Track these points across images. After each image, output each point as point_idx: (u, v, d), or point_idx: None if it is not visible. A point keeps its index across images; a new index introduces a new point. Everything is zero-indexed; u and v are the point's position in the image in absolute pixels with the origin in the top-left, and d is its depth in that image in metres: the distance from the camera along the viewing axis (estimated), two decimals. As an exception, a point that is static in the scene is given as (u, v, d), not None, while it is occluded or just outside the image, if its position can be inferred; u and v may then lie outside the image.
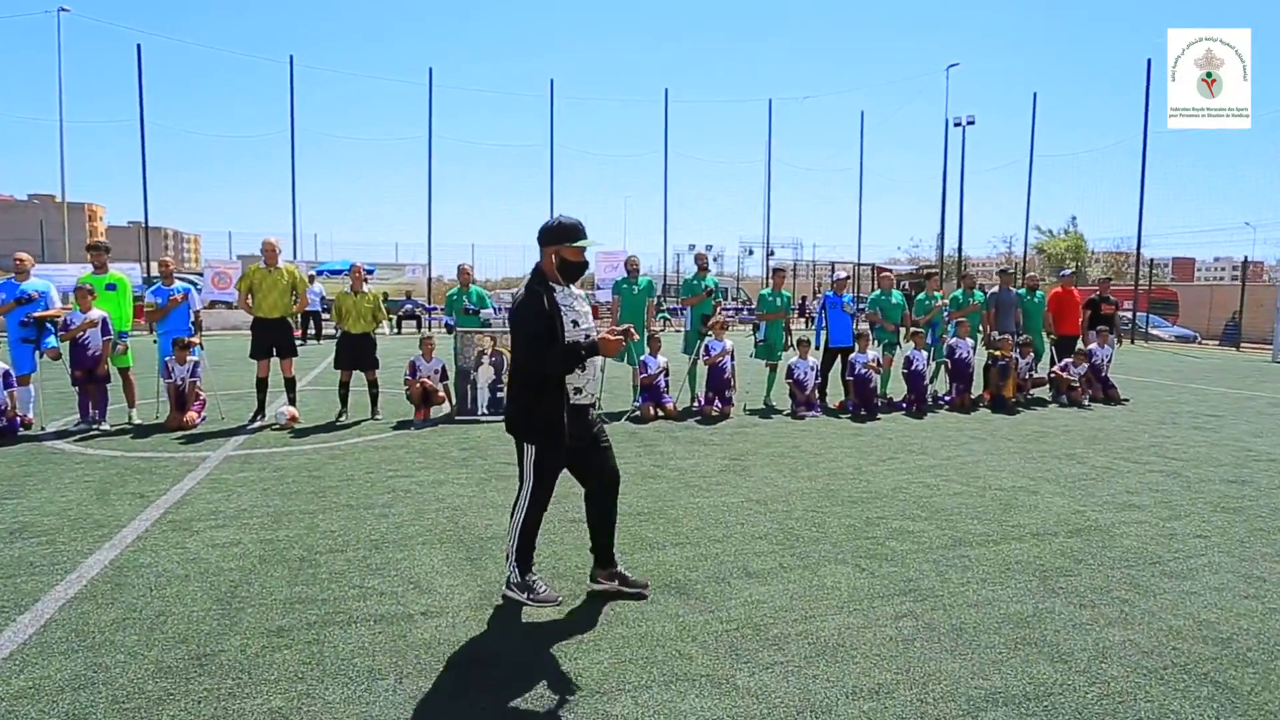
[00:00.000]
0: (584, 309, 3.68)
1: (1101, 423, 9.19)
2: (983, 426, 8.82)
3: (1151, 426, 8.99)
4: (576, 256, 3.58)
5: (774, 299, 9.89)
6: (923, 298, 10.67)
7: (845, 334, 9.98)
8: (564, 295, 3.56)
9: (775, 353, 9.94)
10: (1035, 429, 8.71)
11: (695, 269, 10.00)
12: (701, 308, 9.65)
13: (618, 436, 7.70)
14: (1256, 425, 9.22)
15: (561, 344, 3.43)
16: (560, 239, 3.53)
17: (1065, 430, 8.64)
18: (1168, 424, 9.18)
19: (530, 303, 3.47)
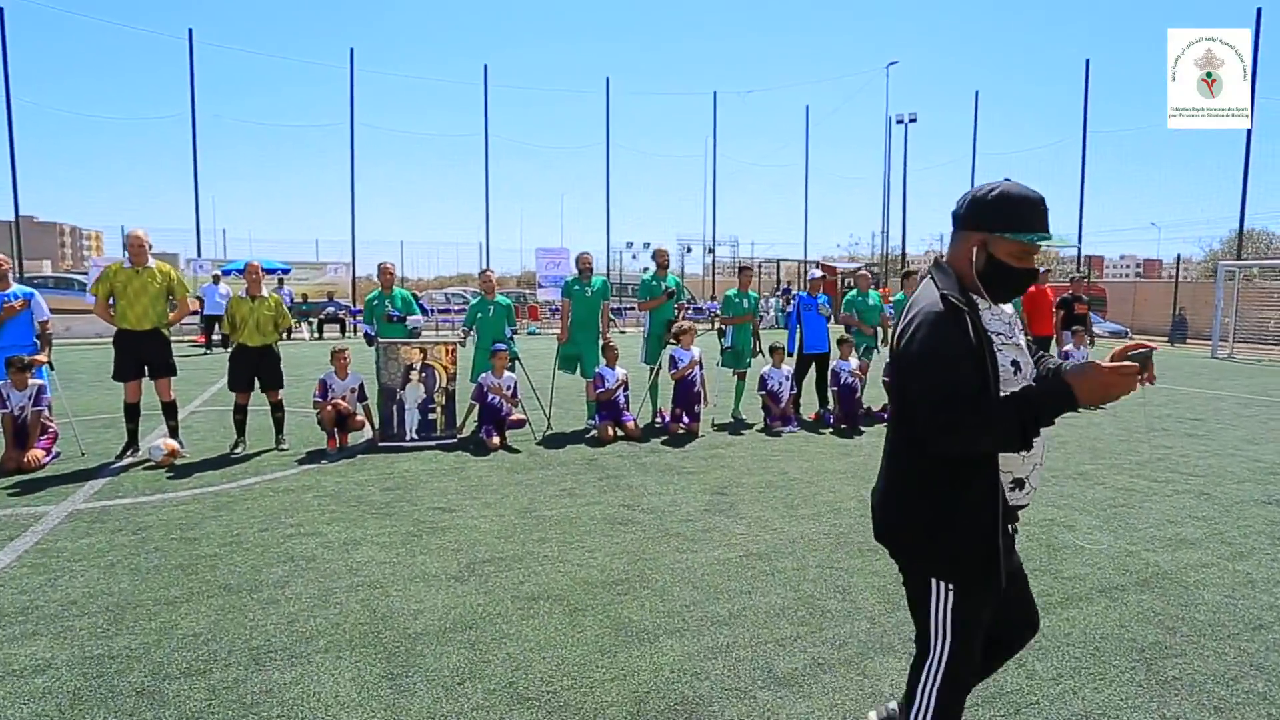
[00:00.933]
0: (1021, 339, 2.07)
1: (1092, 430, 8.53)
2: (974, 440, 8.02)
3: (1143, 435, 8.36)
4: (1025, 260, 1.98)
5: (740, 300, 8.88)
6: (901, 298, 9.85)
7: (820, 339, 9.05)
8: (993, 316, 2.01)
9: (744, 360, 8.94)
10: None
11: (652, 267, 8.88)
12: (663, 312, 8.55)
13: (574, 465, 6.56)
14: (1246, 431, 8.73)
15: (1002, 400, 1.88)
16: (1004, 223, 1.94)
17: (1061, 442, 7.91)
18: (1159, 431, 8.59)
19: (941, 327, 1.90)
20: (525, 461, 6.84)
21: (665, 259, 8.70)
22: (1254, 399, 11.55)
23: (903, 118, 32.75)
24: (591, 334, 8.33)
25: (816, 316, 9.07)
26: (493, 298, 8.20)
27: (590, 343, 8.32)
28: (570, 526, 5.01)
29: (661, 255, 8.69)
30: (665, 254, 8.72)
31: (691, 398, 8.09)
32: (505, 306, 8.22)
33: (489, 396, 7.59)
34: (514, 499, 5.64)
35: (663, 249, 8.70)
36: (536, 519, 5.16)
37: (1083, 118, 25.65)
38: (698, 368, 8.09)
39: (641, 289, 8.73)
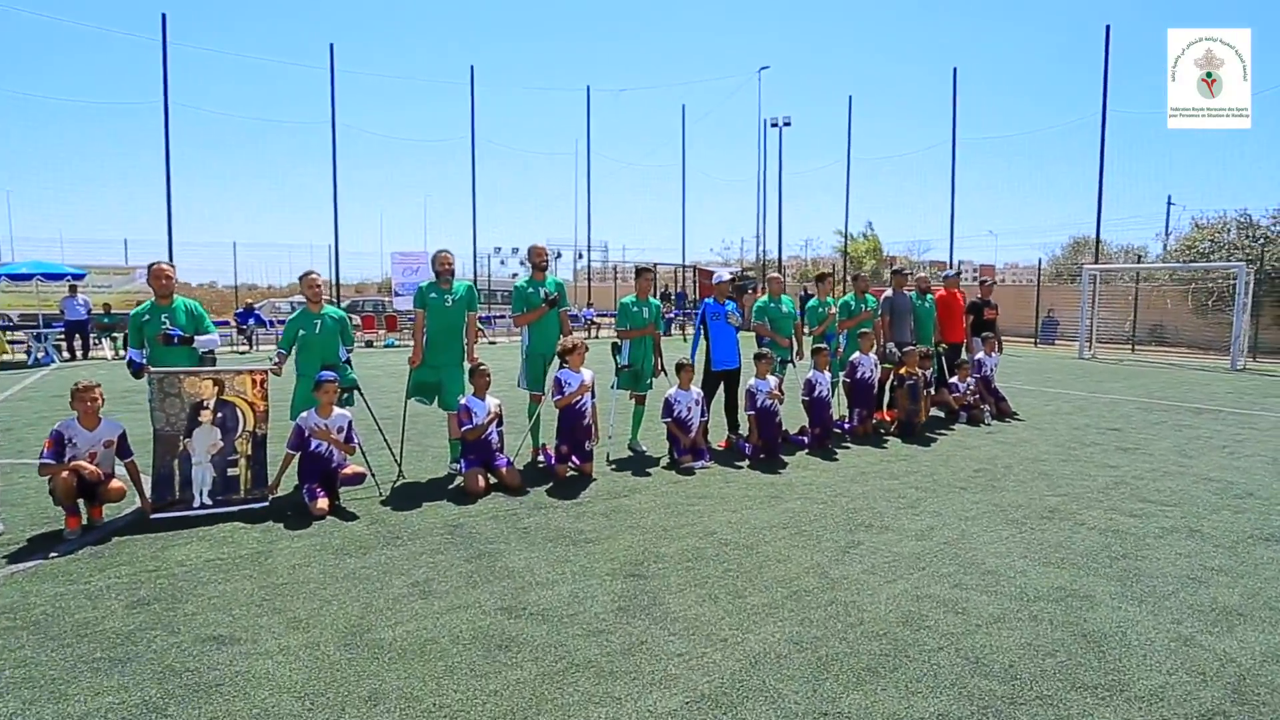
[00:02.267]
0: None
1: (1027, 450, 7.71)
2: (910, 466, 6.94)
3: (1081, 453, 7.63)
4: None
5: (639, 309, 7.38)
6: (815, 304, 8.72)
7: (730, 353, 7.72)
8: None
9: (644, 381, 7.45)
10: (968, 465, 6.97)
11: (526, 271, 7.19)
12: (546, 325, 6.90)
13: (432, 537, 4.72)
14: (1170, 441, 8.25)
15: None
16: None
17: (1003, 466, 6.98)
18: (1091, 446, 7.91)
19: None
20: (362, 534, 4.98)
21: (543, 259, 7.04)
22: (1150, 402, 11.42)
23: (777, 121, 32.75)
24: (454, 354, 6.55)
25: (725, 326, 7.73)
26: (319, 309, 6.23)
27: (452, 366, 6.54)
28: (422, 661, 3.28)
29: (538, 255, 7.02)
30: (543, 253, 7.05)
31: (581, 432, 6.48)
32: (337, 320, 6.29)
33: (312, 443, 5.64)
34: (339, 609, 3.81)
35: (539, 246, 7.04)
36: (370, 649, 3.38)
37: (952, 124, 26.38)
38: (588, 395, 6.50)
39: (515, 298, 7.02)
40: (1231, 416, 9.99)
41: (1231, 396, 12.10)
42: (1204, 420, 9.65)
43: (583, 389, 6.41)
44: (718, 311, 7.75)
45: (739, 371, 7.90)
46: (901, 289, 9.49)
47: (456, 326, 6.54)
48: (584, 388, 6.41)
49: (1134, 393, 12.49)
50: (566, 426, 6.46)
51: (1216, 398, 11.95)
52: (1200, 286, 24.21)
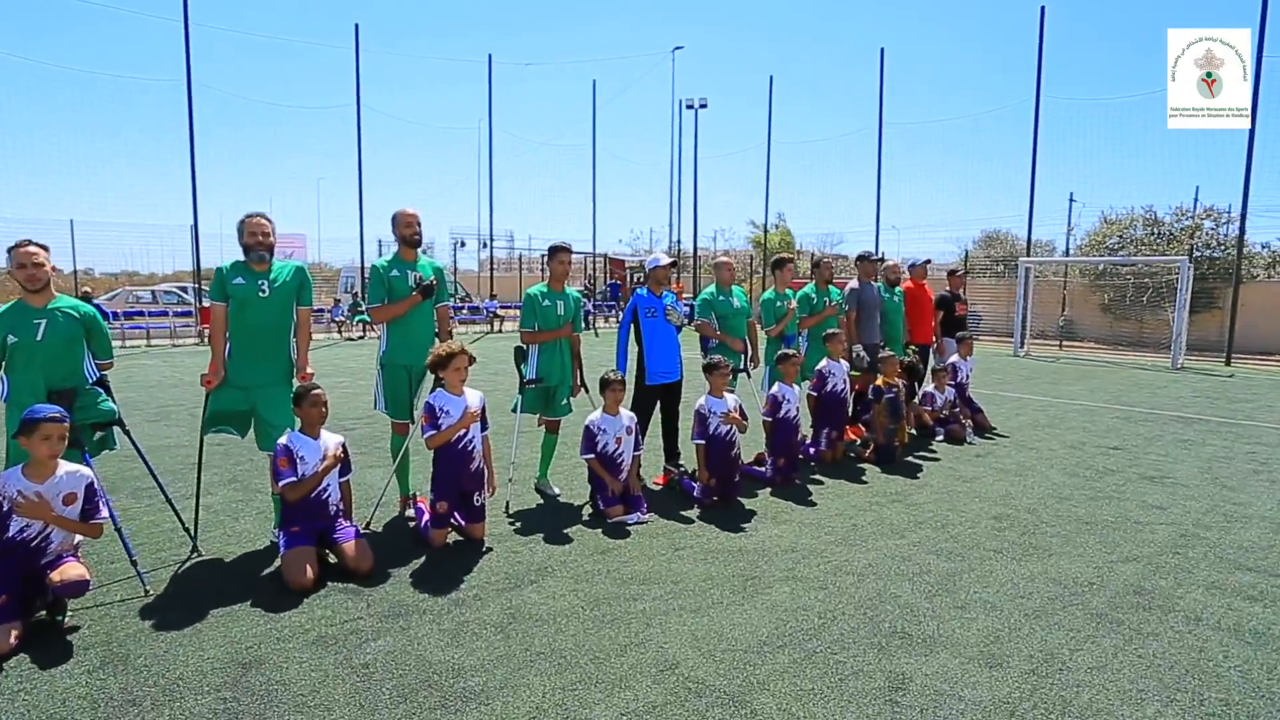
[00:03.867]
0: None
1: (1040, 482, 6.21)
2: (911, 513, 5.29)
3: (1104, 486, 6.19)
4: None
5: (551, 304, 5.40)
6: (771, 297, 6.95)
7: (670, 361, 5.86)
8: None
9: (557, 402, 5.49)
10: (982, 509, 5.39)
11: (391, 250, 5.07)
12: (414, 323, 4.82)
13: (202, 687, 2.66)
14: (1194, 465, 6.95)
15: None
16: None
17: (1026, 509, 5.43)
18: (1108, 475, 6.49)
19: None
20: (71, 702, 2.82)
21: (414, 230, 4.88)
22: (1127, 410, 10.32)
23: (692, 102, 31.18)
24: (271, 368, 4.39)
25: (663, 325, 5.85)
26: (44, 304, 3.96)
27: (271, 385, 4.38)
28: None
29: (406, 223, 4.86)
30: (413, 221, 4.88)
31: (468, 480, 4.46)
32: (79, 319, 4.03)
33: (11, 525, 3.41)
34: None
35: (408, 212, 4.89)
36: None
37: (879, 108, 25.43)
38: (476, 427, 4.48)
39: (372, 282, 4.88)
40: (1225, 427, 8.91)
41: (1203, 401, 11.20)
42: (1201, 433, 8.51)
43: (467, 419, 4.37)
44: (653, 306, 5.86)
45: (680, 385, 6.05)
46: (870, 279, 7.88)
47: (276, 329, 4.38)
48: (469, 417, 4.38)
49: (1099, 397, 11.44)
50: (446, 473, 4.42)
51: (1189, 403, 11.02)
52: (1110, 283, 24.25)
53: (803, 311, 7.20)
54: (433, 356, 4.39)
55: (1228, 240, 24.65)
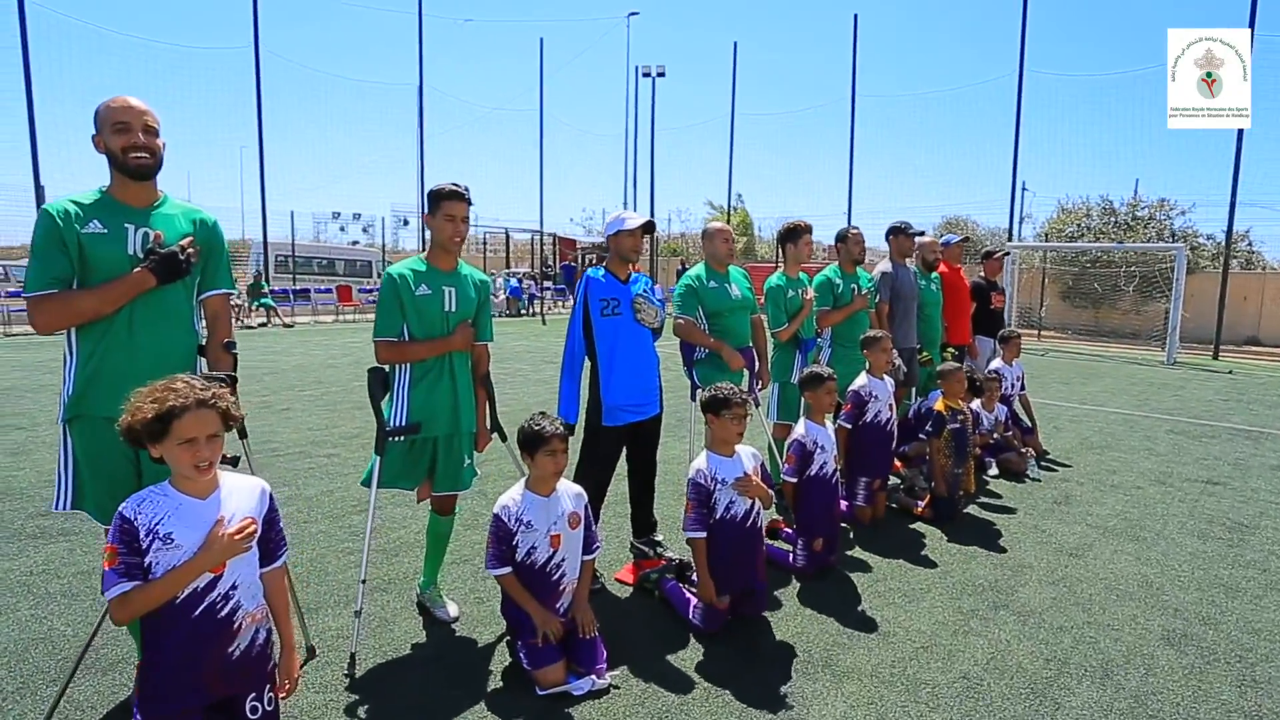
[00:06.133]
0: None
1: (1162, 550, 4.23)
2: (1015, 623, 3.20)
3: (1239, 546, 4.25)
4: None
5: (431, 296, 3.02)
6: (780, 283, 4.75)
7: (642, 385, 3.62)
8: None
9: (451, 464, 3.16)
10: (1112, 610, 3.35)
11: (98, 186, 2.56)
12: (135, 320, 2.40)
13: None
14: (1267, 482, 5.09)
15: None
16: None
17: (1198, 614, 3.40)
18: (1252, 533, 4.56)
19: None
20: None
21: (137, 140, 2.34)
22: (1173, 420, 8.55)
23: (650, 70, 28.73)
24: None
25: (630, 328, 3.60)
26: None
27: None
28: None
29: (118, 121, 2.34)
30: (137, 114, 2.35)
31: (239, 665, 2.10)
32: None
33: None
34: None
35: (130, 102, 2.44)
36: None
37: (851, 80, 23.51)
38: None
39: (38, 233, 2.34)
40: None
41: (1236, 406, 9.59)
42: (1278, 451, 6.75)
43: (234, 541, 2.01)
44: (615, 296, 3.58)
45: (659, 423, 3.82)
46: (905, 259, 5.78)
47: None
48: (238, 539, 2.01)
49: (1126, 402, 9.69)
50: (180, 653, 2.04)
51: (1223, 407, 9.38)
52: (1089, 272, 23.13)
53: (823, 303, 5.04)
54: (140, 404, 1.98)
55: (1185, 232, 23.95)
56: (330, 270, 28.17)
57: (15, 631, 3.09)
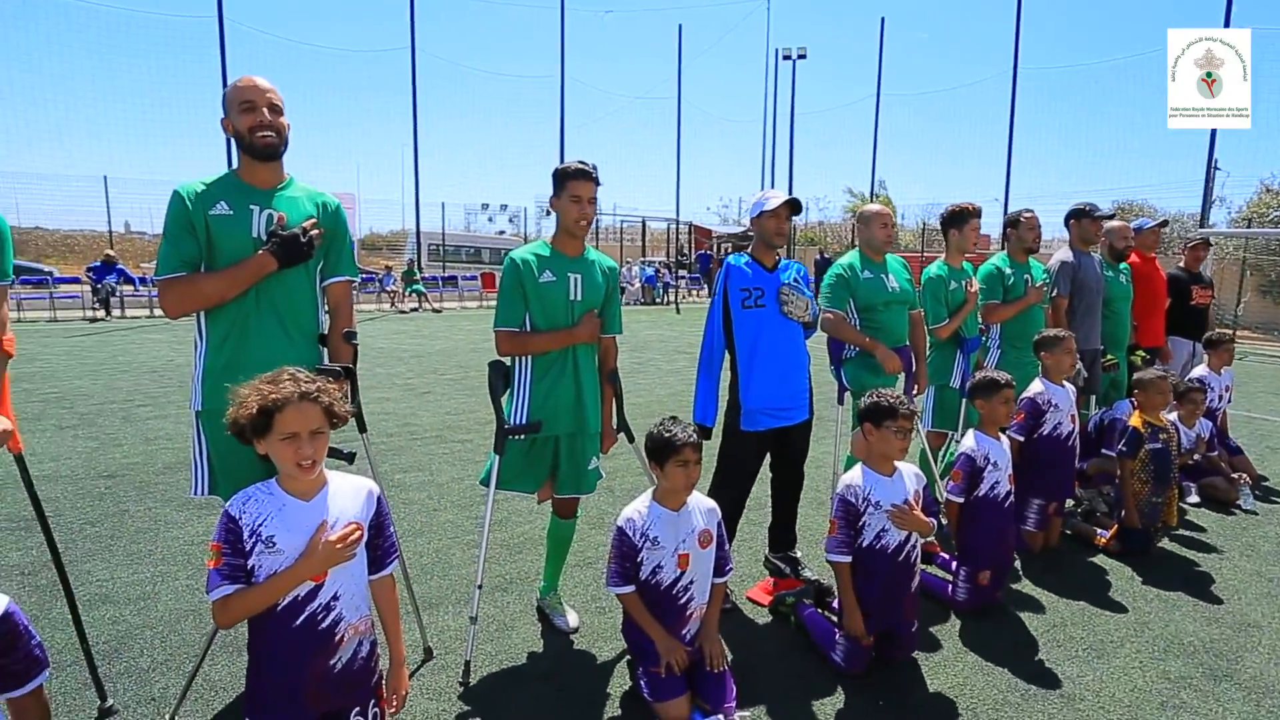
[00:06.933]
0: None
1: None
2: (1251, 706, 2.54)
3: None
4: None
5: (555, 282, 2.83)
6: (940, 272, 4.21)
7: (789, 386, 3.27)
8: None
9: (576, 466, 2.95)
10: None
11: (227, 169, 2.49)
12: (255, 309, 2.34)
13: None
14: None
15: None
16: None
17: None
18: None
19: None
20: None
21: (261, 118, 2.29)
22: None
23: (790, 53, 27.78)
24: None
25: (777, 322, 3.25)
26: None
27: None
28: None
29: (245, 100, 2.28)
30: (260, 93, 2.30)
31: (338, 680, 1.98)
32: None
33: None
34: None
35: (256, 83, 2.38)
36: None
37: (1014, 55, 21.60)
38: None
39: (169, 219, 2.21)
40: None
41: None
42: None
43: (336, 549, 1.88)
44: (759, 285, 3.25)
45: (808, 429, 3.45)
46: (1089, 247, 5.01)
47: None
48: (341, 548, 1.88)
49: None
50: (282, 666, 1.93)
51: None
52: (1274, 262, 19.94)
53: (990, 297, 4.44)
54: (250, 397, 1.88)
55: None
56: (477, 258, 29.43)
57: (172, 601, 3.22)
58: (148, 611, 3.13)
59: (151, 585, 3.36)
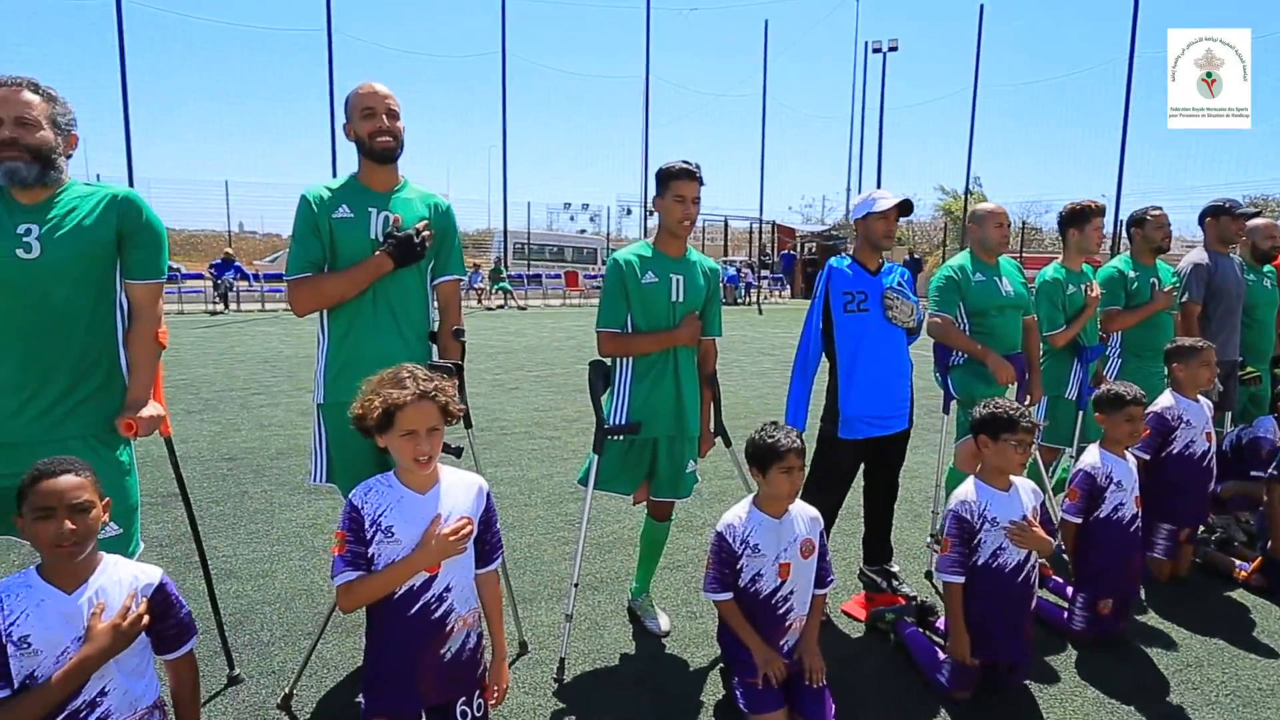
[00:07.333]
0: None
1: None
2: None
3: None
4: None
5: (656, 284, 2.80)
6: (1056, 275, 3.97)
7: (891, 394, 3.15)
8: None
9: (673, 468, 2.93)
10: None
11: (348, 171, 2.57)
12: (373, 310, 2.40)
13: None
14: None
15: None
16: None
17: None
18: None
19: None
20: None
21: (383, 127, 2.37)
22: None
23: (880, 45, 27.01)
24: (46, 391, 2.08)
25: (880, 327, 3.14)
26: None
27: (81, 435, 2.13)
28: None
29: (366, 105, 2.37)
30: (381, 100, 2.39)
31: (450, 668, 2.02)
32: None
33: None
34: None
35: (376, 88, 2.42)
36: None
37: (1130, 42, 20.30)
38: (466, 555, 2.02)
39: (298, 224, 2.38)
40: None
41: None
42: None
43: (449, 542, 1.92)
44: (863, 289, 3.14)
45: (906, 439, 3.32)
46: (1227, 248, 4.62)
47: (60, 318, 2.06)
48: (454, 541, 1.92)
49: None
50: (397, 652, 1.99)
51: None
52: None
53: (1112, 302, 4.15)
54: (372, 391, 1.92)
55: None
56: (560, 257, 29.91)
57: (287, 579, 3.39)
58: (266, 588, 3.30)
59: (269, 563, 3.55)
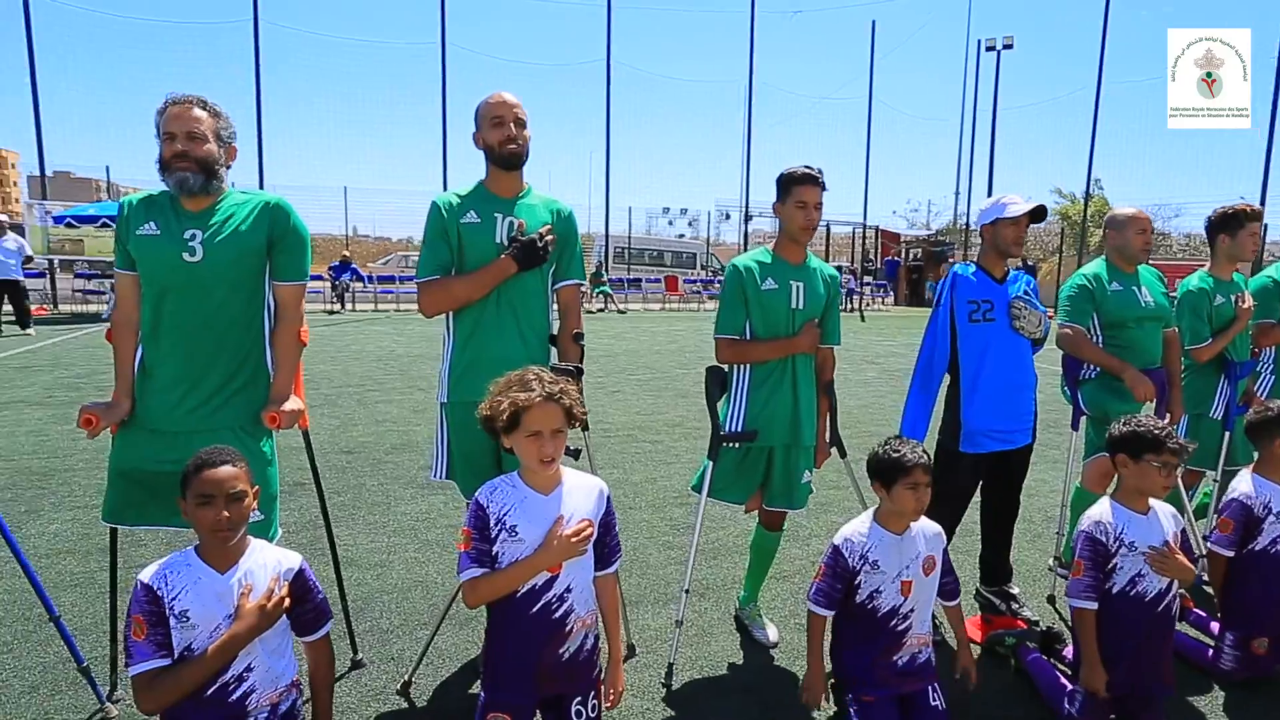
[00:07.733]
0: None
1: None
2: None
3: None
4: None
5: (776, 291, 2.78)
6: (1204, 284, 3.68)
7: (1014, 407, 3.01)
8: None
9: (788, 478, 2.90)
10: None
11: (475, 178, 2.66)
12: (498, 312, 2.50)
13: None
14: None
15: None
16: None
17: None
18: None
19: None
20: None
21: (511, 136, 2.47)
22: None
23: (994, 43, 25.76)
24: (210, 387, 2.30)
25: (1006, 337, 3.00)
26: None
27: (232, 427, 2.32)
28: None
29: (496, 116, 2.46)
30: (511, 108, 2.47)
31: (566, 670, 2.07)
32: None
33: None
34: None
35: (505, 98, 2.49)
36: None
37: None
38: (587, 558, 2.04)
39: (429, 228, 2.49)
40: None
41: None
42: None
43: (571, 543, 1.97)
44: (989, 297, 3.01)
45: (1029, 453, 3.16)
46: None
47: (217, 316, 2.27)
48: (575, 542, 1.97)
49: None
50: (518, 649, 2.05)
51: None
52: None
53: (1266, 315, 3.81)
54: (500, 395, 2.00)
55: None
56: (659, 261, 30.07)
57: (402, 570, 3.57)
58: (384, 578, 3.48)
59: (386, 554, 3.74)
